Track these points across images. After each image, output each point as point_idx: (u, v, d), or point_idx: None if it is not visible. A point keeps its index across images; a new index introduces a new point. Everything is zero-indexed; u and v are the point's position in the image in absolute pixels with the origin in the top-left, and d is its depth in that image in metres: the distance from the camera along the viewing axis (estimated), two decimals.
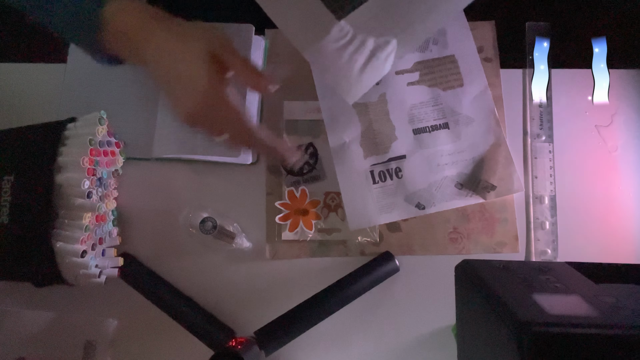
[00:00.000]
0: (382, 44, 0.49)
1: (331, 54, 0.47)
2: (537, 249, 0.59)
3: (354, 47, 0.48)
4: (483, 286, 0.35)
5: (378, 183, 0.60)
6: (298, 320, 0.54)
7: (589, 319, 0.29)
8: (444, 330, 0.57)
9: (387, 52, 0.49)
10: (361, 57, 0.48)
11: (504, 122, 0.62)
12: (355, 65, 0.48)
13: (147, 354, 0.57)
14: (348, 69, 0.48)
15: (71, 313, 0.57)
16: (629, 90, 0.63)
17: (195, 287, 0.58)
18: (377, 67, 0.49)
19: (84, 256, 0.51)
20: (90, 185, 0.52)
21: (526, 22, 0.63)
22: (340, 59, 0.48)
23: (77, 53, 0.63)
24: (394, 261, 0.57)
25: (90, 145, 0.52)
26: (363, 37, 0.48)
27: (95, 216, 0.53)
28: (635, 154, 0.61)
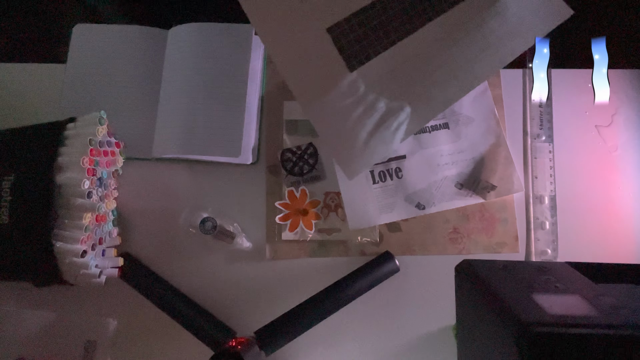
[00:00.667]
0: (395, 110, 0.43)
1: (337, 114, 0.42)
2: (537, 249, 0.59)
3: (364, 108, 0.42)
4: (483, 286, 0.35)
5: (378, 183, 0.60)
6: (298, 320, 0.54)
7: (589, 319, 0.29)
8: (444, 330, 0.57)
9: (399, 121, 0.44)
10: (370, 121, 0.42)
11: (504, 122, 0.62)
12: (362, 131, 0.42)
13: (147, 354, 0.57)
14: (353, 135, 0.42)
15: (71, 313, 0.57)
16: (629, 90, 0.63)
17: (195, 287, 0.58)
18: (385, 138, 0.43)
19: (84, 256, 0.51)
20: (90, 185, 0.52)
21: None
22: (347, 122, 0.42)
23: (77, 53, 0.63)
24: (394, 261, 0.57)
25: (90, 145, 0.52)
26: (375, 98, 0.43)
27: (95, 216, 0.53)
28: (635, 154, 0.61)
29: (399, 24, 0.44)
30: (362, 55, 0.42)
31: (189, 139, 0.59)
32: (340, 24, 0.41)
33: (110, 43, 0.63)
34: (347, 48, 0.42)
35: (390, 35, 0.43)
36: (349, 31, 0.42)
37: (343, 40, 0.42)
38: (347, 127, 0.42)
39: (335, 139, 0.42)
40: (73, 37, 0.64)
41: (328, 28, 0.41)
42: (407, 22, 0.44)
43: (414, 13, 0.44)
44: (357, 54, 0.42)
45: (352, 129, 0.42)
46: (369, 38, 0.42)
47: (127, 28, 0.64)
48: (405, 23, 0.44)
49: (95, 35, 0.64)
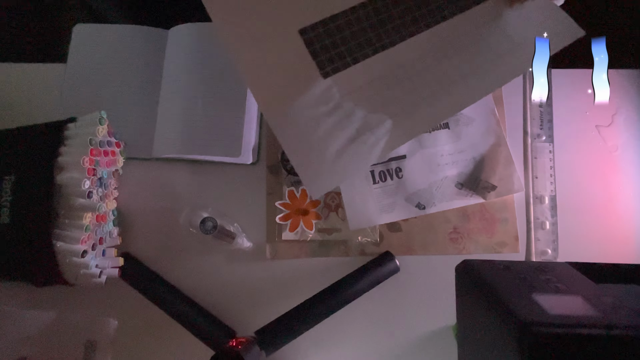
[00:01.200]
0: (373, 123, 0.38)
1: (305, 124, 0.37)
2: (537, 249, 0.59)
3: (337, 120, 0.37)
4: (483, 286, 0.35)
5: (378, 183, 0.60)
6: (298, 320, 0.54)
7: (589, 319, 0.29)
8: (444, 330, 0.57)
9: (377, 136, 0.38)
10: (343, 134, 0.37)
11: (504, 122, 0.62)
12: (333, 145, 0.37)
13: (147, 354, 0.57)
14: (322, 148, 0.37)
15: (71, 313, 0.57)
16: (629, 90, 0.63)
17: (195, 287, 0.58)
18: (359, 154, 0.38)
19: (85, 256, 0.51)
20: (90, 185, 0.52)
21: None
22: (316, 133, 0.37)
23: (77, 53, 0.63)
24: (394, 261, 0.57)
25: (90, 145, 0.52)
26: (351, 109, 0.38)
27: (96, 216, 0.53)
28: (635, 154, 0.61)
29: (385, 31, 0.40)
30: (339, 61, 0.38)
31: (189, 139, 0.59)
32: (316, 26, 0.38)
33: (110, 43, 0.63)
34: (321, 53, 0.38)
35: (374, 43, 0.40)
36: (325, 35, 0.38)
37: (317, 44, 0.38)
38: (316, 139, 0.37)
39: (300, 152, 0.37)
40: (73, 37, 0.64)
41: (300, 30, 0.37)
42: (395, 30, 0.40)
43: (403, 21, 0.41)
44: (333, 60, 0.38)
45: (321, 141, 0.37)
46: (348, 44, 0.39)
47: (127, 28, 0.64)
48: (393, 31, 0.40)
49: (95, 35, 0.64)
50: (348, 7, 0.39)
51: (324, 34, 0.38)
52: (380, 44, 0.40)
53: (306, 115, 0.37)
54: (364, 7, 0.40)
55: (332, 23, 0.39)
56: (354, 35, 0.39)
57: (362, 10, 0.40)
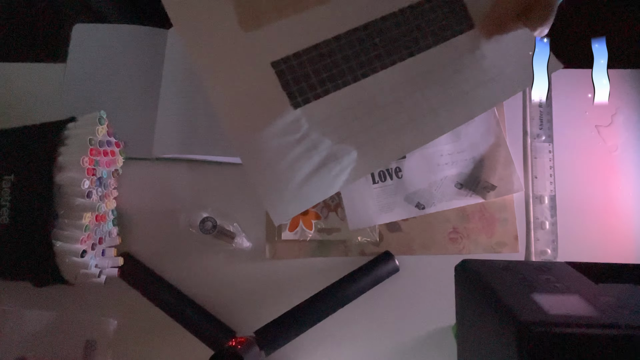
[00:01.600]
0: (339, 153, 0.39)
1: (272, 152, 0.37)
2: (537, 249, 0.59)
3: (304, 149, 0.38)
4: (483, 286, 0.35)
5: (378, 183, 0.60)
6: (298, 320, 0.54)
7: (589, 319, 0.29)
8: (444, 330, 0.57)
9: (342, 166, 0.39)
10: (309, 163, 0.38)
11: (504, 122, 0.62)
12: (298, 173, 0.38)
13: (147, 354, 0.57)
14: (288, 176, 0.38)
15: (71, 313, 0.57)
16: (629, 90, 0.63)
17: (195, 287, 0.58)
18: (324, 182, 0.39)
19: (84, 256, 0.51)
20: (90, 185, 0.52)
21: None
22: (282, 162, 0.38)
23: (77, 53, 0.63)
24: (394, 261, 0.57)
25: (90, 145, 0.52)
26: (318, 139, 0.38)
27: (95, 216, 0.53)
28: (635, 154, 0.61)
29: (358, 64, 0.41)
30: (309, 93, 0.39)
31: (189, 139, 0.59)
32: (288, 59, 0.39)
33: (110, 43, 0.63)
34: (292, 84, 0.39)
35: (345, 75, 0.40)
36: (297, 67, 0.39)
37: (289, 75, 0.38)
38: (282, 168, 0.38)
39: (266, 180, 0.38)
40: (73, 37, 0.64)
41: (273, 62, 0.38)
42: (368, 63, 0.41)
43: (377, 54, 0.41)
44: (304, 91, 0.39)
45: (287, 170, 0.38)
46: (320, 76, 0.39)
47: (127, 28, 0.64)
48: (366, 64, 0.41)
49: (95, 35, 0.64)
50: (321, 40, 0.40)
51: (296, 66, 0.39)
52: (352, 76, 0.41)
53: (274, 144, 0.38)
54: (337, 40, 0.40)
55: (305, 55, 0.39)
56: (326, 67, 0.40)
57: (336, 43, 0.40)
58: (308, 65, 0.39)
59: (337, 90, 0.40)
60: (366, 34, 0.41)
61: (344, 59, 0.40)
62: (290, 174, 0.38)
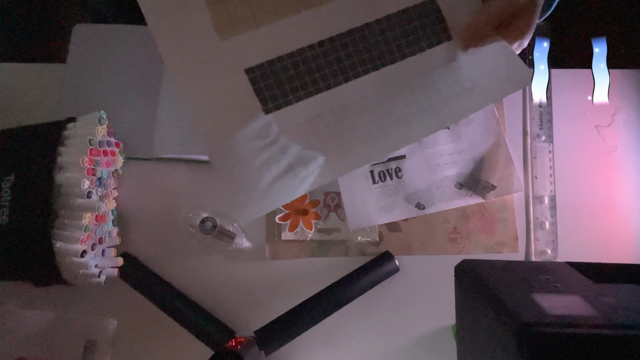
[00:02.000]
0: (306, 159, 0.40)
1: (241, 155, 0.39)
2: (537, 249, 0.59)
3: (272, 153, 0.39)
4: (483, 286, 0.35)
5: (378, 183, 0.60)
6: (298, 320, 0.54)
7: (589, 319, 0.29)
8: (444, 330, 0.57)
9: (309, 171, 0.40)
10: (276, 167, 0.39)
11: (504, 122, 0.62)
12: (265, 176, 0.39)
13: (147, 354, 0.57)
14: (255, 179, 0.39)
15: (71, 313, 0.57)
16: (629, 90, 0.63)
17: (195, 287, 0.58)
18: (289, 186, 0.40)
19: (84, 256, 0.51)
20: (90, 185, 0.52)
21: None
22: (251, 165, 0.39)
23: (77, 53, 0.63)
24: (394, 261, 0.57)
25: (90, 145, 0.52)
26: (286, 144, 0.40)
27: (95, 216, 0.53)
28: (635, 154, 0.61)
29: (331, 72, 0.41)
30: (281, 99, 0.40)
31: (189, 139, 0.59)
32: (262, 66, 0.39)
33: (110, 43, 0.63)
34: (265, 91, 0.39)
35: (318, 83, 0.41)
36: (271, 74, 0.40)
37: (262, 82, 0.39)
38: (250, 170, 0.39)
39: (234, 181, 0.39)
40: (73, 37, 0.64)
41: (247, 69, 0.39)
42: (341, 72, 0.41)
43: (350, 63, 0.42)
44: (276, 97, 0.40)
45: (255, 172, 0.39)
46: (292, 83, 0.40)
47: (127, 28, 0.64)
48: (339, 72, 0.41)
49: (95, 35, 0.64)
50: (296, 49, 0.40)
51: (270, 73, 0.40)
52: (325, 84, 0.41)
53: (244, 147, 0.39)
54: (311, 49, 0.41)
55: (279, 63, 0.40)
56: (299, 75, 0.40)
57: (310, 51, 0.41)
58: (281, 73, 0.40)
59: (309, 98, 0.41)
60: (341, 43, 0.41)
61: (317, 67, 0.41)
62: (257, 176, 0.39)
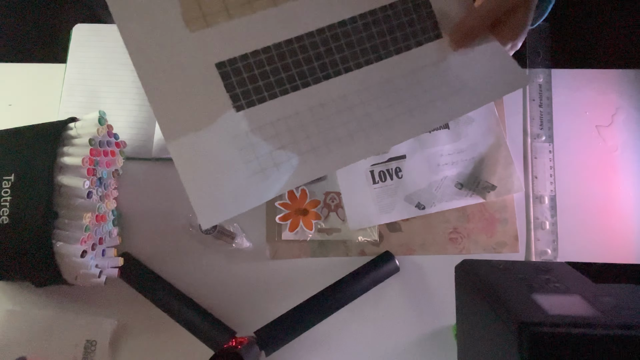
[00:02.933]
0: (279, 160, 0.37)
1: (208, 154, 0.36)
2: (537, 249, 0.59)
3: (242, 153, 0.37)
4: (483, 286, 0.35)
5: (378, 183, 0.60)
6: (298, 320, 0.54)
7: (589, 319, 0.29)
8: (444, 330, 0.57)
9: (280, 173, 0.37)
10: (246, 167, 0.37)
11: (504, 122, 0.62)
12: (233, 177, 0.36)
13: (147, 354, 0.57)
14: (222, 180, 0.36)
15: (71, 313, 0.57)
16: (628, 90, 0.63)
17: (195, 287, 0.58)
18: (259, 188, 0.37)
19: (84, 256, 0.51)
20: (90, 185, 0.52)
21: None
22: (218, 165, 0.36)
23: (77, 53, 0.63)
24: (394, 261, 0.57)
25: (90, 145, 0.52)
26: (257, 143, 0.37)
27: (95, 216, 0.53)
28: (635, 154, 0.61)
29: (309, 69, 0.39)
30: (254, 96, 0.37)
31: None
32: (234, 60, 0.37)
33: (110, 43, 0.63)
34: (237, 86, 0.37)
35: (295, 80, 0.39)
36: (244, 69, 0.37)
37: (234, 77, 0.37)
38: (217, 170, 0.36)
39: (199, 181, 0.36)
40: (73, 37, 0.64)
41: (217, 63, 0.37)
42: (320, 69, 0.39)
43: (331, 60, 0.39)
44: (248, 94, 0.37)
45: (223, 172, 0.36)
46: (267, 79, 0.38)
47: None
48: (318, 69, 0.39)
49: (95, 35, 0.64)
50: (271, 43, 0.38)
51: (242, 68, 0.38)
52: (302, 81, 0.39)
53: (211, 145, 0.36)
54: (288, 44, 0.38)
55: (252, 58, 0.38)
56: (275, 71, 0.38)
57: (287, 47, 0.38)
58: (255, 68, 0.38)
59: (285, 95, 0.39)
60: (321, 39, 0.39)
61: (294, 63, 0.39)
62: (225, 177, 0.36)
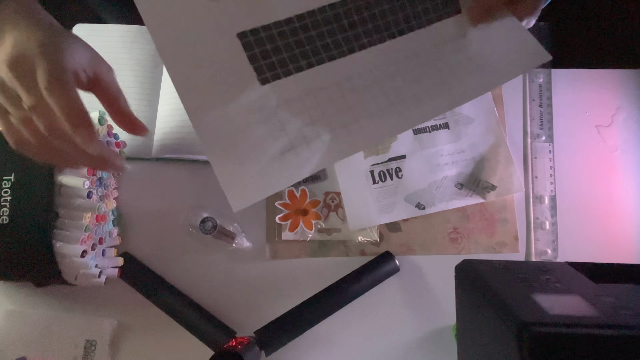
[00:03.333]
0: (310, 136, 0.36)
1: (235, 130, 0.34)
2: (537, 249, 0.59)
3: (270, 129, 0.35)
4: (483, 286, 0.35)
5: (378, 183, 0.60)
6: (298, 320, 0.54)
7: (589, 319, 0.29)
8: (444, 330, 0.57)
9: (312, 151, 0.36)
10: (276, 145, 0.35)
11: (504, 122, 0.62)
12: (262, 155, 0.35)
13: (147, 354, 0.57)
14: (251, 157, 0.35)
15: (71, 313, 0.57)
16: (628, 90, 0.63)
17: (195, 287, 0.58)
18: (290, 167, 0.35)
19: (84, 256, 0.51)
20: (90, 185, 0.52)
21: None
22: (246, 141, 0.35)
23: None
24: (394, 261, 0.57)
25: None
26: (286, 119, 0.35)
27: (95, 216, 0.53)
28: (635, 153, 0.61)
29: (334, 42, 0.38)
30: (280, 69, 0.36)
31: (188, 139, 0.59)
32: (256, 31, 0.36)
33: (110, 43, 0.63)
34: (261, 58, 0.36)
35: (320, 52, 0.38)
36: (267, 41, 0.36)
37: (257, 49, 0.36)
38: (244, 148, 0.35)
39: (227, 160, 0.34)
40: None
41: (239, 33, 0.35)
42: (345, 41, 0.38)
43: (354, 33, 0.39)
44: (274, 66, 0.36)
45: (250, 151, 0.35)
46: (291, 52, 0.37)
47: (127, 28, 0.64)
48: (343, 42, 0.38)
49: (95, 35, 0.64)
50: (294, 14, 0.37)
51: (265, 39, 0.36)
52: (327, 55, 0.38)
53: (236, 121, 0.35)
54: (311, 15, 0.37)
55: (275, 29, 0.37)
56: (299, 43, 0.37)
57: (310, 18, 0.37)
58: (279, 40, 0.36)
59: (310, 69, 0.37)
60: (344, 11, 0.38)
61: (318, 35, 0.37)
62: (253, 155, 0.34)
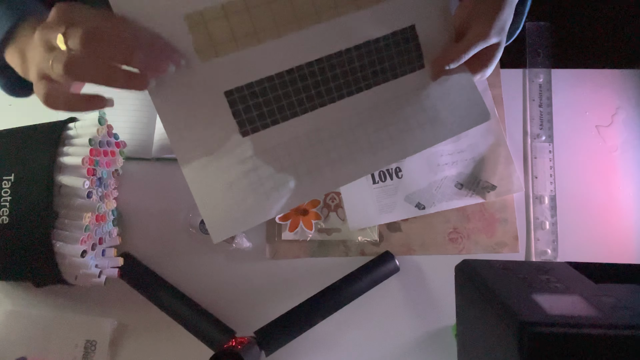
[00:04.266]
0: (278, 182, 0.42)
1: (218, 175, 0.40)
2: (537, 249, 0.59)
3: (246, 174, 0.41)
4: (483, 286, 0.35)
5: (378, 183, 0.60)
6: (298, 320, 0.54)
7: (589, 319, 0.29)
8: (444, 330, 0.57)
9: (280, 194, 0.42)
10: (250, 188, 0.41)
11: (504, 122, 0.62)
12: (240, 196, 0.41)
13: (147, 354, 0.57)
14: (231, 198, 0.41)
15: (71, 313, 0.57)
16: (628, 90, 0.63)
17: (195, 287, 0.58)
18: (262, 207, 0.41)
19: (84, 256, 0.51)
20: (90, 185, 0.52)
21: (526, 22, 0.63)
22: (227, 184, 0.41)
23: None
24: (394, 261, 0.57)
25: (90, 145, 0.52)
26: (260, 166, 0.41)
27: (95, 216, 0.53)
28: (635, 154, 0.61)
29: (308, 96, 0.42)
30: (258, 122, 0.41)
31: None
32: (241, 89, 0.40)
33: None
34: (243, 113, 0.41)
35: (295, 107, 0.42)
36: (249, 97, 0.41)
37: (240, 105, 0.40)
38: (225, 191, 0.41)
39: (210, 201, 0.40)
40: None
41: (226, 91, 0.40)
42: (317, 96, 0.43)
43: (327, 88, 0.43)
44: (254, 120, 0.41)
45: (230, 193, 0.41)
46: (270, 106, 0.41)
47: None
48: (314, 97, 0.43)
49: None
50: (274, 73, 0.41)
51: (248, 96, 0.41)
52: (301, 108, 0.43)
53: (220, 169, 0.40)
54: (290, 73, 0.41)
55: (257, 86, 0.41)
56: (277, 98, 0.41)
57: (288, 76, 0.41)
58: (260, 96, 0.41)
59: (285, 121, 0.42)
60: (319, 68, 0.42)
61: (295, 91, 0.42)
62: (232, 197, 0.41)
